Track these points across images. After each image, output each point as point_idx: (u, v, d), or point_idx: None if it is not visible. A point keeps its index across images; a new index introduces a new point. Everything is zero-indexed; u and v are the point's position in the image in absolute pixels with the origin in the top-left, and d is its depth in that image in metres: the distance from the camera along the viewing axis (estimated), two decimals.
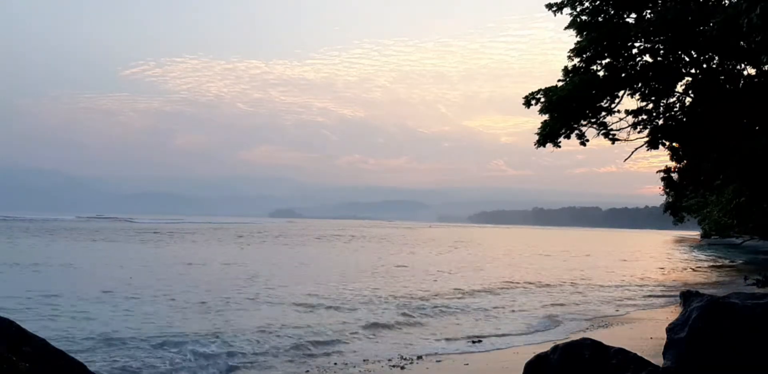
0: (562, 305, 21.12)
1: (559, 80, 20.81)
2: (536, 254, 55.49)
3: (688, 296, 22.22)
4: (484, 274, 32.05)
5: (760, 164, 18.59)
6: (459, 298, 21.89)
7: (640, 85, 20.68)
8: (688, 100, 21.25)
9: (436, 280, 28.15)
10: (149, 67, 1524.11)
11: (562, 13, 20.44)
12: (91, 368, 7.96)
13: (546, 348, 7.92)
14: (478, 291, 24.01)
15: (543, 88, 20.85)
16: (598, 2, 20.15)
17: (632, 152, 21.95)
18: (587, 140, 21.16)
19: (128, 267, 29.82)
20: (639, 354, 7.47)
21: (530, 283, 27.67)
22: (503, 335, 15.45)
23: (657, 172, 23.79)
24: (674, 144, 21.95)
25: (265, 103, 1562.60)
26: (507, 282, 27.87)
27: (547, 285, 27.13)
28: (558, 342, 7.88)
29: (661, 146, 21.46)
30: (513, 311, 19.47)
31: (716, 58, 20.13)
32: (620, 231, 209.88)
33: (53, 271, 27.60)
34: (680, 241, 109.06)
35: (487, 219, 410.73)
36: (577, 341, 7.65)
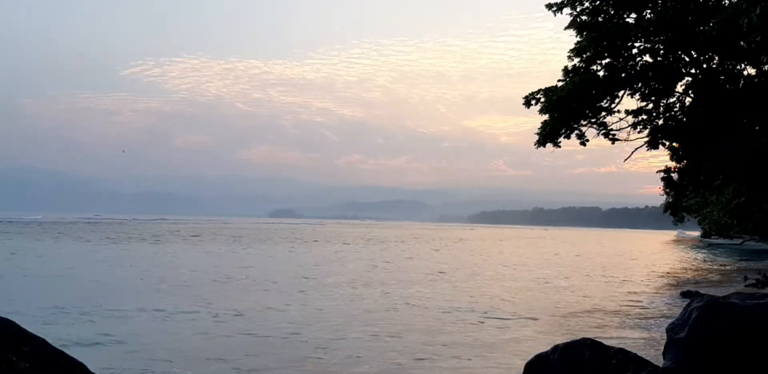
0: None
1: (559, 80, 20.82)
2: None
3: (688, 296, 22.23)
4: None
5: (760, 164, 18.59)
6: None
7: (640, 85, 20.68)
8: (688, 100, 21.26)
9: None
10: (148, 67, 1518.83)
11: (562, 13, 20.46)
12: None
13: (546, 347, 7.92)
14: None
15: (543, 88, 20.85)
16: (598, 2, 20.15)
17: (632, 152, 21.98)
18: (587, 140, 21.17)
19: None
20: (639, 354, 7.47)
21: None
22: None
23: (657, 172, 23.80)
24: (674, 144, 21.95)
25: (265, 103, 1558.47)
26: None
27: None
28: (558, 342, 7.87)
29: (661, 146, 21.46)
30: None
31: (716, 58, 20.14)
32: (620, 231, 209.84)
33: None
34: (680, 241, 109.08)
35: (487, 219, 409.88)
36: (577, 341, 7.65)
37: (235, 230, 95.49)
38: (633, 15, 20.46)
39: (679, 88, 21.12)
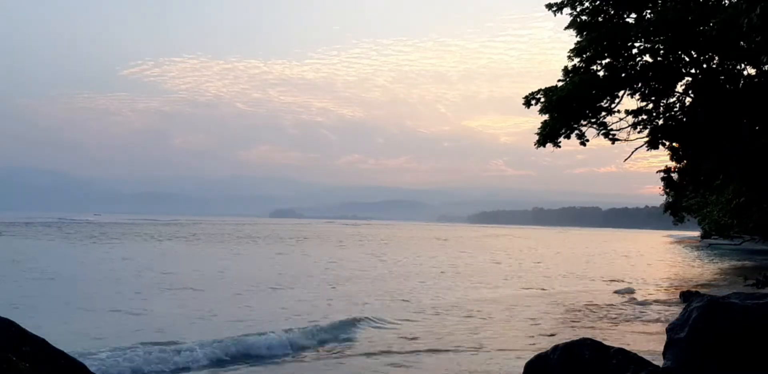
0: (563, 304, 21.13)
1: (559, 80, 20.79)
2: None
3: (688, 296, 22.23)
4: None
5: (760, 164, 18.57)
6: None
7: (640, 85, 20.64)
8: (688, 100, 21.21)
9: None
10: (148, 66, 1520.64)
11: (562, 13, 20.40)
12: None
13: (546, 347, 7.91)
14: None
15: (543, 88, 20.81)
16: (598, 2, 20.12)
17: (632, 152, 21.91)
18: (587, 140, 21.12)
19: None
20: (639, 354, 7.47)
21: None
22: None
23: (657, 172, 23.73)
24: (674, 144, 21.90)
25: (264, 103, 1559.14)
26: None
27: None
28: (558, 342, 7.87)
29: (661, 146, 21.42)
30: None
31: (716, 58, 20.10)
32: (620, 231, 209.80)
33: None
34: (680, 241, 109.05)
35: (487, 219, 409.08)
36: (577, 341, 7.65)
37: (300, 231, 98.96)
38: (633, 15, 20.43)
39: (679, 88, 21.08)
